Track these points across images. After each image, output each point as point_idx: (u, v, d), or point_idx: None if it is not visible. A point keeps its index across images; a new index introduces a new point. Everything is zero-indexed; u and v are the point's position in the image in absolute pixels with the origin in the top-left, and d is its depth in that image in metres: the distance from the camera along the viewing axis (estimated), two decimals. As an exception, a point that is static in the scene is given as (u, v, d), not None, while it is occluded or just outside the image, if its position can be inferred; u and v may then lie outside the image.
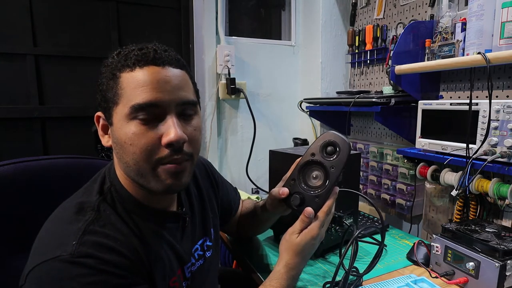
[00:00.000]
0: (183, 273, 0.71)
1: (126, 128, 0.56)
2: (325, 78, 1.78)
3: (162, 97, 0.56)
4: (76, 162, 0.86)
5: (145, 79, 0.56)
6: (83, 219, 0.57)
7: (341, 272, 0.98)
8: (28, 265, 0.54)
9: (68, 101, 1.49)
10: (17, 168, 0.76)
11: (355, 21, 1.74)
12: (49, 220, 0.61)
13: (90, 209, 0.59)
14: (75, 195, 0.64)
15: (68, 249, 0.52)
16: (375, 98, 1.26)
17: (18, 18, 1.37)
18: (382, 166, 1.46)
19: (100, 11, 1.51)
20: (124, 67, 0.57)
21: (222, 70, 1.69)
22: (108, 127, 0.61)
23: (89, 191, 0.63)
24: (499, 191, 0.95)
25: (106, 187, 0.63)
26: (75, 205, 0.60)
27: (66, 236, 0.54)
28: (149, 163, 0.57)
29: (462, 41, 1.09)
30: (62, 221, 0.58)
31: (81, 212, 0.58)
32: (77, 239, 0.53)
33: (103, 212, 0.59)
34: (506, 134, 0.89)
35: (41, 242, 0.56)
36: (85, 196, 0.62)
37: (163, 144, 0.57)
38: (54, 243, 0.54)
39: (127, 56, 0.58)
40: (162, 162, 0.58)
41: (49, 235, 0.57)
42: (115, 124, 0.58)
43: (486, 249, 0.83)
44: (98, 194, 0.61)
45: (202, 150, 1.70)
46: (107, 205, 0.60)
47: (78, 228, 0.55)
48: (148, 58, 0.57)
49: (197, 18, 1.64)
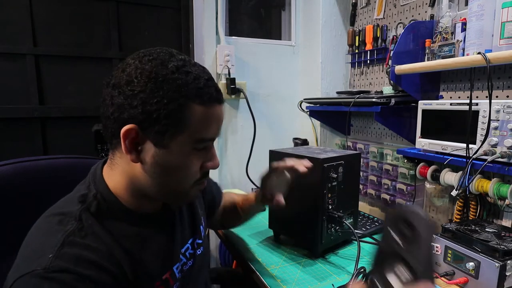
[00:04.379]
0: (172, 275, 0.69)
1: (183, 155, 0.59)
2: (325, 78, 1.78)
3: (219, 133, 0.63)
4: (76, 162, 0.86)
5: (213, 117, 0.60)
6: (62, 230, 0.54)
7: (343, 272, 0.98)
8: (8, 279, 0.52)
9: (68, 101, 1.49)
10: (17, 168, 0.76)
11: (355, 21, 1.74)
12: (31, 231, 0.58)
13: (72, 219, 0.56)
14: (57, 205, 0.62)
15: (43, 263, 0.49)
16: (375, 98, 1.26)
17: (18, 18, 1.37)
18: (382, 166, 1.46)
19: (100, 11, 1.51)
20: (194, 98, 0.57)
21: (222, 70, 1.69)
22: (139, 145, 0.57)
23: (71, 200, 0.60)
24: (499, 191, 0.95)
25: (90, 195, 0.60)
26: (56, 215, 0.57)
27: (43, 249, 0.52)
28: (190, 185, 0.63)
29: (462, 41, 1.09)
30: (42, 232, 0.56)
31: (62, 222, 0.56)
32: (54, 252, 0.51)
33: (85, 221, 0.56)
34: (506, 134, 0.89)
35: (21, 254, 0.55)
36: (67, 206, 0.59)
37: (207, 169, 0.64)
38: (32, 256, 0.52)
39: (199, 88, 0.57)
40: (198, 182, 0.64)
41: (28, 247, 0.55)
42: (171, 148, 0.57)
43: (486, 249, 0.83)
44: (80, 203, 0.59)
45: (202, 150, 1.70)
46: (89, 214, 0.58)
47: (57, 240, 0.52)
48: (216, 96, 0.60)
49: (197, 18, 1.64)
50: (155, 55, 0.57)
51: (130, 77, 0.55)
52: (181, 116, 0.56)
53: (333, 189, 1.02)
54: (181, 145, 0.58)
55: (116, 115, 0.56)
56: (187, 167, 0.60)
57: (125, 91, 0.55)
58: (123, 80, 0.56)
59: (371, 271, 0.54)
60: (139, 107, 0.54)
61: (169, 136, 0.56)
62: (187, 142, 0.58)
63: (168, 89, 0.55)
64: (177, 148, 0.58)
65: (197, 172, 0.62)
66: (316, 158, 0.97)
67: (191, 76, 0.57)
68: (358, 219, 1.21)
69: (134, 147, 0.57)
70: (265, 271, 0.99)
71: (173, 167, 0.59)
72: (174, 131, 0.57)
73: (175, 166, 0.59)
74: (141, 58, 0.57)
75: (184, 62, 0.58)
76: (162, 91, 0.54)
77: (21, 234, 0.76)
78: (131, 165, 0.59)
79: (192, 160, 0.60)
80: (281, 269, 1.00)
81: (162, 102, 0.54)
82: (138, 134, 0.56)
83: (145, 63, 0.56)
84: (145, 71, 0.55)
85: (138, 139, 0.57)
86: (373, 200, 1.57)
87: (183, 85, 0.56)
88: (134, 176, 0.60)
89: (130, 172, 0.60)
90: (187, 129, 0.57)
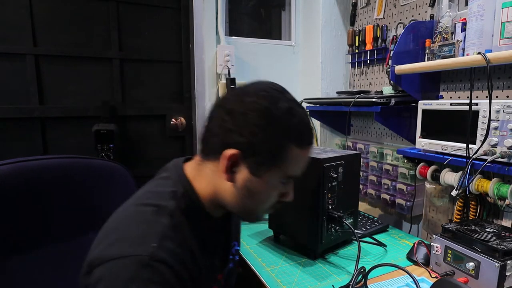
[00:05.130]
0: (223, 276, 0.74)
1: (271, 186, 0.66)
2: (325, 78, 1.78)
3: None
4: (76, 162, 0.86)
5: (304, 159, 0.67)
6: (161, 223, 0.57)
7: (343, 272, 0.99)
8: (100, 255, 0.54)
9: (68, 101, 1.49)
10: (16, 168, 0.75)
11: (355, 21, 1.74)
12: (120, 216, 0.61)
13: (166, 213, 0.59)
14: (144, 195, 0.64)
15: (149, 249, 0.52)
16: (375, 98, 1.26)
17: (18, 18, 1.37)
18: (382, 166, 1.46)
19: (100, 11, 1.51)
20: (295, 141, 0.64)
21: (222, 70, 1.69)
22: (236, 167, 0.63)
23: (161, 194, 0.64)
24: (499, 191, 0.95)
25: (179, 193, 0.64)
26: (149, 205, 0.60)
27: (146, 236, 0.55)
28: (264, 210, 0.71)
29: (462, 41, 1.09)
30: (140, 220, 0.58)
31: (159, 214, 0.59)
32: (157, 242, 0.54)
33: (177, 218, 0.60)
34: (506, 134, 0.89)
35: (119, 235, 0.56)
36: (159, 199, 0.62)
37: (282, 200, 0.71)
38: (135, 240, 0.54)
39: (301, 133, 0.65)
40: (270, 208, 0.71)
41: (128, 230, 0.57)
42: (263, 178, 0.63)
43: (486, 249, 0.83)
44: (173, 200, 0.62)
45: (202, 150, 1.70)
46: (180, 212, 0.61)
47: (158, 231, 0.56)
48: (311, 141, 0.68)
49: (197, 18, 1.64)
50: (269, 91, 0.64)
51: (246, 109, 0.61)
52: (280, 154, 0.63)
53: (333, 189, 1.02)
54: (272, 177, 0.64)
55: (222, 136, 0.62)
56: (270, 196, 0.68)
57: (238, 120, 0.61)
58: (239, 109, 0.61)
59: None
60: (246, 138, 0.61)
61: (265, 168, 0.63)
62: (277, 176, 0.65)
63: (276, 129, 0.61)
64: (267, 179, 0.64)
65: (274, 201, 0.70)
66: (316, 158, 0.97)
67: (296, 120, 0.64)
68: (358, 219, 1.21)
69: (231, 168, 0.63)
70: (265, 271, 0.99)
71: (259, 193, 0.66)
72: (270, 165, 0.63)
73: (261, 193, 0.66)
74: (259, 92, 0.63)
75: (292, 103, 0.65)
76: (271, 129, 0.61)
77: (21, 233, 0.76)
78: (221, 180, 0.65)
79: (275, 190, 0.68)
80: (281, 269, 1.00)
81: (268, 139, 0.61)
82: (238, 159, 0.62)
83: (261, 99, 0.62)
84: (260, 107, 0.61)
85: (237, 163, 0.62)
86: (373, 200, 1.57)
87: (289, 128, 0.63)
88: (220, 189, 0.66)
89: (218, 186, 0.66)
90: (282, 166, 0.64)
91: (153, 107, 1.65)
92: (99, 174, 0.89)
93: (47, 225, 0.81)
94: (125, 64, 1.58)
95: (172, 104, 1.70)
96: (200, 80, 1.68)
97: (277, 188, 0.67)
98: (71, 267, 0.84)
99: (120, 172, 0.92)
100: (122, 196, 0.93)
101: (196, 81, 1.67)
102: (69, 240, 0.84)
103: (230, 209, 0.68)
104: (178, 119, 1.70)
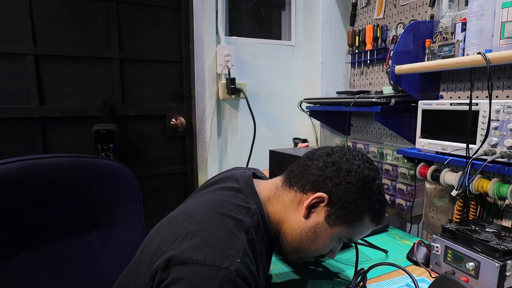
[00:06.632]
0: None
1: (331, 239, 0.72)
2: (325, 78, 1.78)
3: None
4: (80, 161, 0.86)
5: (367, 230, 0.74)
6: (241, 237, 0.59)
7: (342, 274, 0.98)
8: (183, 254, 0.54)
9: (68, 101, 1.49)
10: (20, 166, 0.76)
11: (355, 21, 1.74)
12: (201, 220, 0.61)
13: (242, 228, 0.61)
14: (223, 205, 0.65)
15: (235, 264, 0.53)
16: (375, 98, 1.26)
17: (18, 18, 1.37)
18: (382, 166, 1.46)
19: (100, 11, 1.51)
20: (372, 215, 0.71)
21: (222, 70, 1.69)
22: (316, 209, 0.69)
23: (238, 207, 0.66)
24: (499, 191, 0.95)
25: (252, 210, 0.67)
26: (230, 217, 0.62)
27: (230, 248, 0.56)
28: (308, 256, 0.77)
29: (462, 41, 1.09)
30: (226, 230, 0.59)
31: (239, 229, 0.60)
32: (240, 257, 0.55)
33: (251, 235, 0.62)
34: (506, 134, 0.89)
35: (203, 239, 0.56)
36: (237, 212, 0.64)
37: (326, 255, 0.78)
38: (222, 251, 0.55)
39: (380, 211, 0.72)
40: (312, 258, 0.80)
41: (214, 237, 0.57)
42: (332, 229, 0.70)
43: (486, 249, 0.83)
44: (248, 216, 0.65)
45: (202, 150, 1.70)
46: (253, 230, 0.64)
47: (239, 246, 0.57)
48: (381, 222, 0.75)
49: (197, 18, 1.63)
50: (373, 165, 0.73)
51: (351, 169, 0.69)
52: (357, 218, 0.70)
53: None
54: (338, 232, 0.71)
55: (320, 179, 0.69)
56: (324, 248, 0.73)
57: (340, 173, 0.68)
58: (345, 166, 0.69)
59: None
60: (340, 192, 0.68)
61: (339, 222, 0.69)
62: (341, 233, 0.71)
63: (366, 198, 0.69)
64: (334, 232, 0.70)
65: (322, 253, 0.76)
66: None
67: (382, 199, 0.72)
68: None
69: (312, 208, 0.69)
70: (265, 271, 0.99)
71: (320, 240, 0.71)
72: (344, 222, 0.69)
73: (322, 240, 0.71)
74: (365, 162, 0.71)
75: (381, 184, 0.73)
76: (362, 195, 0.69)
77: (24, 231, 0.76)
78: (295, 212, 0.70)
79: (331, 244, 0.74)
80: (281, 269, 1.00)
81: (356, 201, 0.68)
82: (322, 203, 0.68)
83: (366, 169, 0.70)
84: (362, 174, 0.69)
85: (319, 206, 0.69)
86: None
87: (375, 202, 0.70)
88: (290, 220, 0.71)
89: (290, 215, 0.71)
90: (351, 227, 0.71)
91: (153, 107, 1.65)
92: (103, 174, 0.89)
93: (50, 223, 0.81)
94: (125, 64, 1.58)
95: (172, 104, 1.70)
96: (200, 80, 1.68)
97: (333, 242, 0.73)
98: (73, 265, 0.84)
99: (123, 172, 0.93)
100: (125, 196, 0.94)
101: (196, 81, 1.67)
102: (72, 238, 0.85)
103: (283, 239, 0.72)
104: (178, 119, 1.70)
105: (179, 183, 1.75)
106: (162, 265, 0.54)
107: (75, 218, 0.85)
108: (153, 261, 0.56)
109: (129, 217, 0.94)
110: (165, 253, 0.55)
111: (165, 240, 0.58)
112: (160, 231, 0.64)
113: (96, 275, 0.87)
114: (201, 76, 1.68)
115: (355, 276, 0.85)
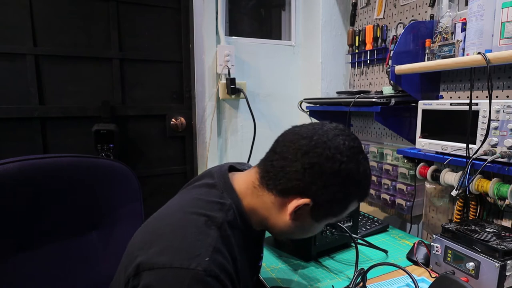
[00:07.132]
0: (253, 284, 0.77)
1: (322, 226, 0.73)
2: (325, 78, 1.78)
3: None
4: (80, 161, 0.86)
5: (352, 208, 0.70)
6: (211, 235, 0.57)
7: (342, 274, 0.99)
8: (150, 260, 0.53)
9: (68, 101, 1.49)
10: (22, 166, 0.76)
11: (355, 21, 1.74)
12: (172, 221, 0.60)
13: (214, 225, 0.59)
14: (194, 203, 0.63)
15: (203, 264, 0.52)
16: (375, 98, 1.26)
17: (18, 18, 1.37)
18: (382, 166, 1.46)
19: (100, 11, 1.51)
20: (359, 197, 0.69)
21: (222, 70, 1.69)
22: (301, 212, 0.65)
23: (210, 204, 0.63)
24: (499, 191, 0.95)
25: (227, 205, 0.64)
26: (201, 215, 0.60)
27: (199, 247, 0.54)
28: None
29: (462, 41, 1.09)
30: (193, 229, 0.58)
31: (209, 226, 0.58)
32: (209, 255, 0.53)
33: (224, 231, 0.60)
34: (506, 134, 0.89)
35: (169, 242, 0.55)
36: (209, 209, 0.62)
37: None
38: (188, 251, 0.53)
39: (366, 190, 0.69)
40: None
41: (180, 239, 0.56)
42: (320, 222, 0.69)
43: (486, 249, 0.83)
44: (221, 211, 0.62)
45: (202, 150, 1.70)
46: (227, 225, 0.61)
47: (209, 244, 0.55)
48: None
49: (197, 18, 1.63)
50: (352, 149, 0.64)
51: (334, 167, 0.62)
52: (345, 207, 0.68)
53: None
54: (326, 221, 0.70)
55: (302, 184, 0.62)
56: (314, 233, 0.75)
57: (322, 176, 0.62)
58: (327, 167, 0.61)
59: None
60: (325, 194, 0.63)
61: (325, 218, 0.68)
62: (330, 220, 0.70)
63: (353, 191, 0.65)
64: (323, 223, 0.70)
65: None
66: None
67: (368, 180, 0.68)
68: (358, 220, 1.21)
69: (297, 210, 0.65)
70: (265, 271, 0.99)
71: (309, 231, 0.72)
72: (331, 214, 0.68)
73: (310, 231, 0.72)
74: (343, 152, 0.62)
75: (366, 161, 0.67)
76: (349, 189, 0.65)
77: (25, 230, 0.76)
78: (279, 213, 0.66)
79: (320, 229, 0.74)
80: (280, 269, 1.00)
81: (343, 198, 0.65)
82: (306, 207, 0.64)
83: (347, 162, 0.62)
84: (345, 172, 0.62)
85: (304, 208, 0.64)
86: (373, 200, 1.57)
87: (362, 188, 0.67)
88: (275, 219, 0.68)
89: (274, 216, 0.67)
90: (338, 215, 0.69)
91: (153, 107, 1.65)
92: (103, 174, 0.89)
93: (50, 223, 0.81)
94: (125, 64, 1.58)
95: (172, 104, 1.70)
96: (200, 80, 1.68)
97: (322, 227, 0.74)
98: (73, 265, 0.84)
99: (123, 172, 0.93)
100: (126, 196, 0.94)
101: (196, 81, 1.67)
102: (72, 238, 0.85)
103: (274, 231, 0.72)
104: (178, 119, 1.70)
105: (179, 183, 1.73)
106: (133, 272, 0.53)
107: (75, 218, 0.85)
108: (127, 268, 0.56)
109: (129, 217, 0.94)
110: (136, 259, 0.54)
111: (136, 246, 0.58)
112: (136, 236, 0.62)
113: (96, 275, 0.87)
114: (201, 76, 1.68)
115: (355, 276, 0.85)
